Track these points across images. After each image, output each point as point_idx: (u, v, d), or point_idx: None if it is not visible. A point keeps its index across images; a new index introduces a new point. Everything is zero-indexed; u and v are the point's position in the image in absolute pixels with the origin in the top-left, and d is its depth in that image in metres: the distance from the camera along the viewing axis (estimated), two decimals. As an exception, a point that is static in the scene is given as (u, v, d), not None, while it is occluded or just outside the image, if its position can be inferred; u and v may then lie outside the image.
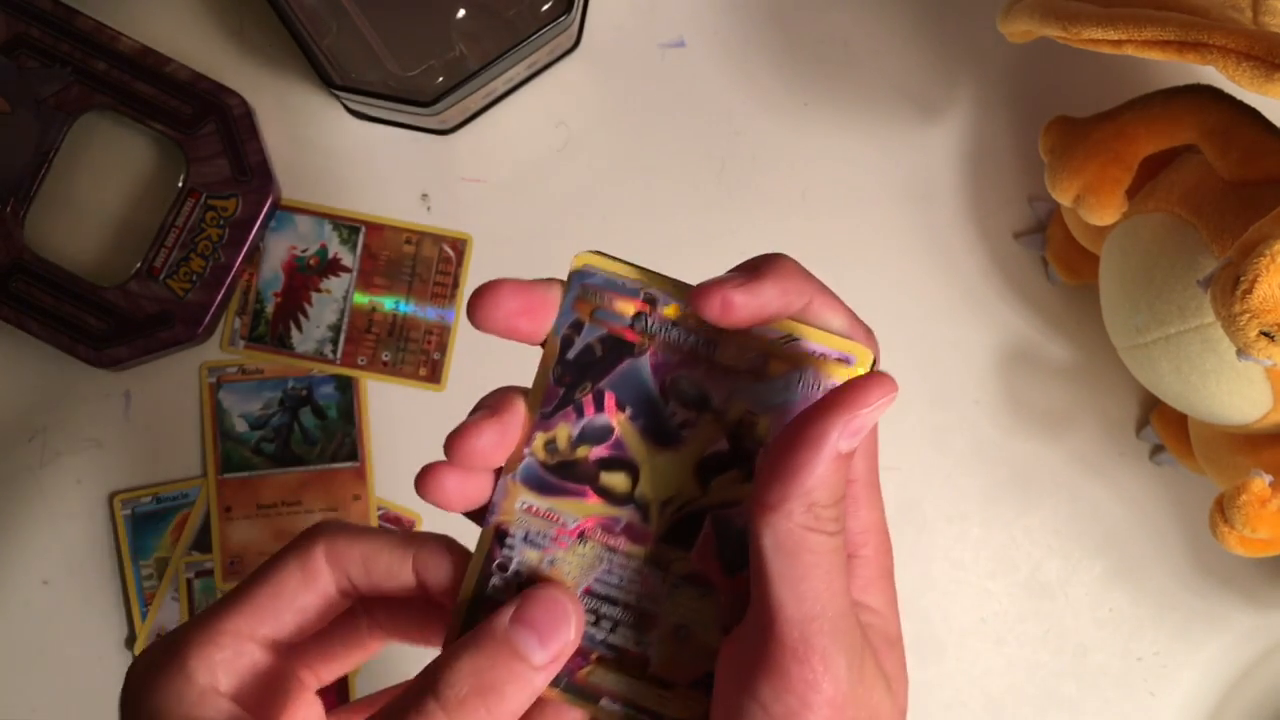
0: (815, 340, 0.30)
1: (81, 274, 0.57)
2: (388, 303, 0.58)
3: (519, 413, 0.31)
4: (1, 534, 0.58)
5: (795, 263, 0.30)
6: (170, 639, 0.31)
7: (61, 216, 0.57)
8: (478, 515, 0.32)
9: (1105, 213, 0.49)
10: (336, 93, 0.55)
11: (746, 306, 0.29)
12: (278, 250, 0.58)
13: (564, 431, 0.31)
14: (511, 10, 0.55)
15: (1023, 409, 0.60)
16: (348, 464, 0.58)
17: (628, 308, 0.31)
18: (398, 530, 0.54)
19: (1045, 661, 0.60)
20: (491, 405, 0.31)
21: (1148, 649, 0.60)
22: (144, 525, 0.58)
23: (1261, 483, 0.47)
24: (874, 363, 0.30)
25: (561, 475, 0.31)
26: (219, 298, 0.56)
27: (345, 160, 0.59)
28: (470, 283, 0.58)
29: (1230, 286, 0.38)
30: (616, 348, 0.31)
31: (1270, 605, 0.60)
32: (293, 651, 0.33)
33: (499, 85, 0.57)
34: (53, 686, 0.58)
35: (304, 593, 0.32)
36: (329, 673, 0.35)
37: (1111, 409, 0.60)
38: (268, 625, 0.31)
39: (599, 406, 0.31)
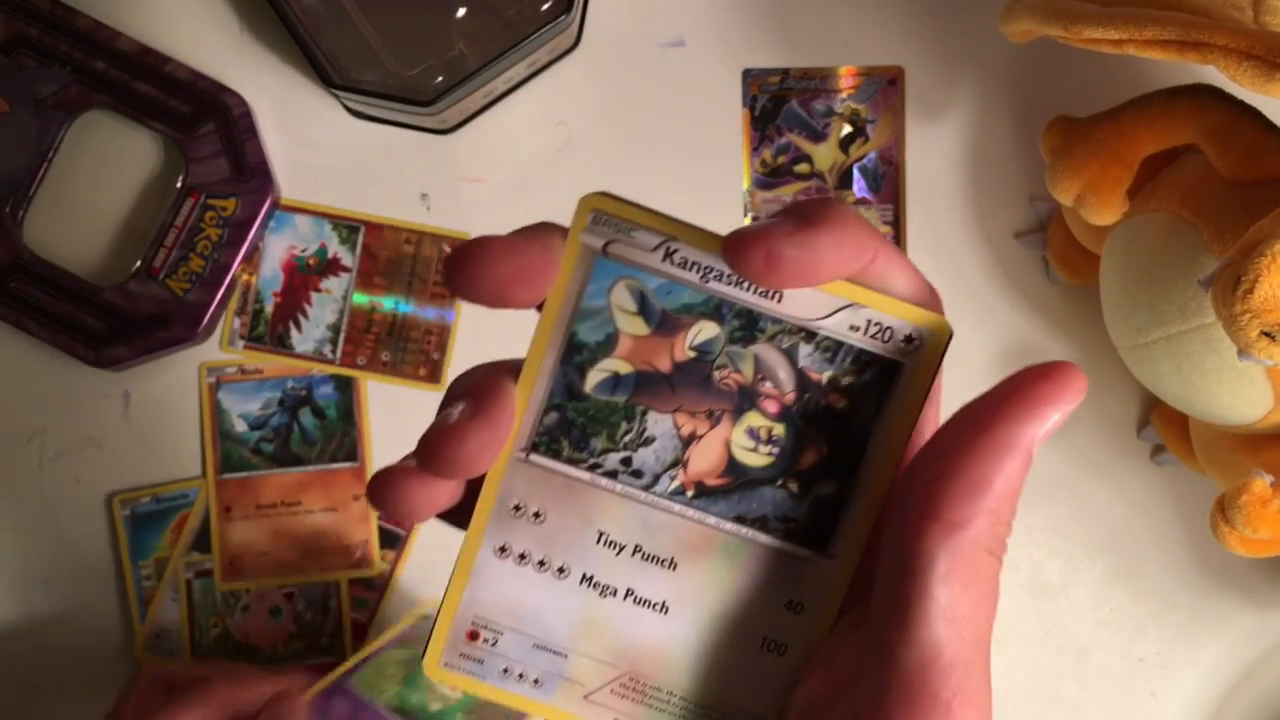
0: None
1: (80, 274, 0.57)
2: (387, 303, 0.58)
3: (509, 403, 0.26)
4: (0, 534, 0.58)
5: (854, 211, 0.24)
6: None
7: (60, 216, 0.57)
8: (454, 516, 0.27)
9: (1106, 212, 0.49)
10: (336, 92, 0.55)
11: (798, 262, 0.23)
12: (277, 250, 0.58)
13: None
14: (511, 9, 0.55)
15: (1023, 409, 0.60)
16: (347, 464, 0.58)
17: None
18: None
19: (1047, 662, 0.60)
20: (475, 394, 0.26)
21: (1149, 649, 0.60)
22: (143, 525, 0.58)
23: (1262, 483, 0.47)
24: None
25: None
26: (218, 297, 0.56)
27: (345, 160, 0.58)
28: (470, 282, 0.58)
29: (1231, 286, 0.38)
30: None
31: (1272, 605, 0.60)
32: None
33: (499, 85, 0.56)
34: (52, 686, 0.58)
35: None
36: None
37: (1112, 408, 0.60)
38: None
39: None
